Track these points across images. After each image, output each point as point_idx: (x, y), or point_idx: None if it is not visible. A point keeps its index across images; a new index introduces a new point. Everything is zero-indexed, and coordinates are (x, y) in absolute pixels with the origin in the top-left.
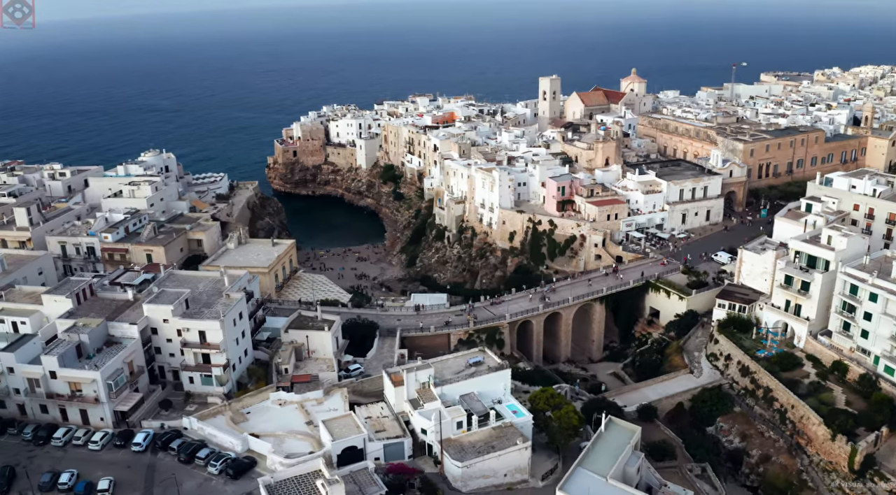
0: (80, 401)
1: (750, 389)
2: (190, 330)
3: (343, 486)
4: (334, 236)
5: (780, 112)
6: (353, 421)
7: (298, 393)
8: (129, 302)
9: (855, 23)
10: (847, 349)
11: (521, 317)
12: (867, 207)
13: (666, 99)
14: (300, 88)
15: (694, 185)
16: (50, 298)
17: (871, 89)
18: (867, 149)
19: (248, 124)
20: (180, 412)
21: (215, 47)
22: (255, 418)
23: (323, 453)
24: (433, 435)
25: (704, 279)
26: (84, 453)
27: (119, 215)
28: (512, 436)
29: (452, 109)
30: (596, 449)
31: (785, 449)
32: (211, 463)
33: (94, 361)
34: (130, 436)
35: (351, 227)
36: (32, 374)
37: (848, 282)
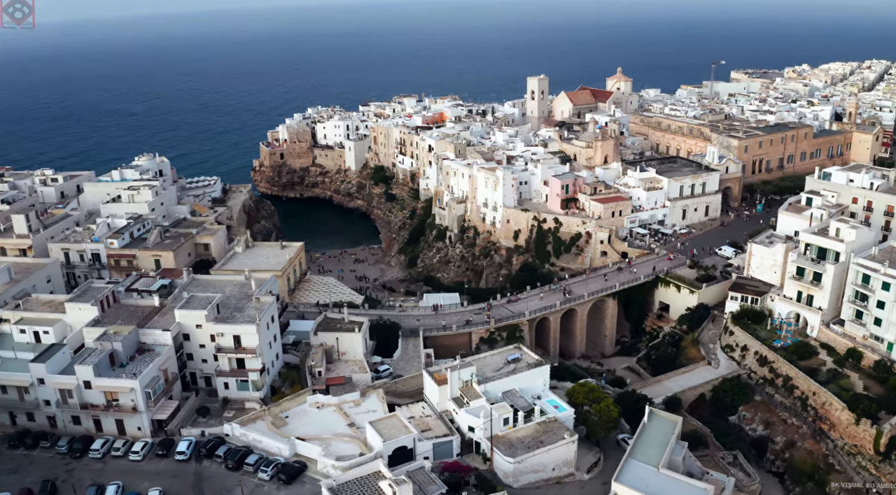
0: (117, 411)
1: (769, 378)
2: (224, 334)
3: (411, 486)
4: (327, 238)
5: (765, 109)
6: (400, 421)
7: (334, 395)
8: (155, 308)
9: (821, 21)
10: (860, 336)
11: (539, 315)
12: (865, 200)
13: (648, 97)
14: (274, 91)
15: (693, 182)
16: (74, 306)
17: (843, 85)
18: (852, 144)
19: (226, 128)
20: (218, 419)
21: (186, 51)
22: (295, 422)
23: (375, 454)
24: (481, 432)
25: (712, 273)
26: (125, 464)
27: (122, 220)
28: (557, 431)
29: (441, 110)
30: (642, 441)
31: (809, 434)
32: (261, 469)
33: (128, 370)
34: (171, 445)
35: (343, 229)
36: (65, 385)
37: (860, 272)
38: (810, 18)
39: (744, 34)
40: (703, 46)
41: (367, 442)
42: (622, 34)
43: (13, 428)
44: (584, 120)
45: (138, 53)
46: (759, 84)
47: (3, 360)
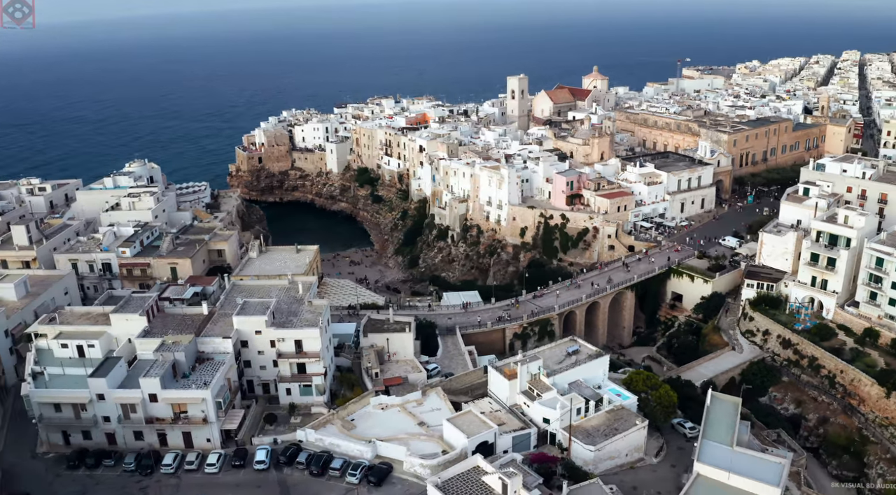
0: (186, 423)
1: (793, 360)
2: (285, 340)
3: (521, 478)
4: (314, 242)
5: (739, 104)
6: (476, 417)
7: (394, 396)
8: (204, 316)
9: (766, 19)
10: (875, 317)
11: (567, 308)
12: (860, 189)
13: (622, 95)
14: (237, 95)
15: (690, 175)
16: (120, 317)
17: (800, 80)
18: (826, 137)
19: (191, 133)
20: (286, 425)
21: (138, 57)
22: (362, 424)
23: (461, 450)
24: (557, 423)
25: (722, 262)
26: (201, 478)
27: (128, 229)
28: (627, 418)
29: (424, 111)
30: (710, 422)
31: (840, 410)
32: (349, 473)
33: (193, 380)
34: (245, 455)
35: (329, 232)
36: (128, 399)
37: (874, 256)
38: (754, 16)
39: (694, 32)
40: (655, 46)
41: (443, 440)
42: (572, 34)
43: (67, 447)
44: (566, 118)
45: (104, 57)
46: (721, 80)
47: (52, 377)
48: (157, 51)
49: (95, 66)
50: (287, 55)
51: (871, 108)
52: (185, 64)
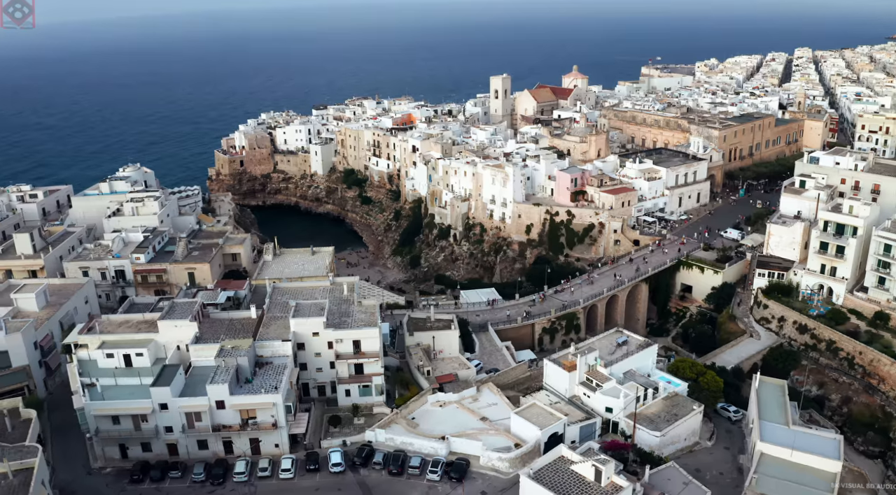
0: (255, 429)
1: (811, 344)
2: (343, 341)
3: (613, 464)
4: (303, 244)
5: (717, 101)
6: (542, 409)
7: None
8: (252, 320)
9: (719, 18)
10: (884, 301)
11: (591, 302)
12: (853, 180)
13: (602, 94)
14: (204, 99)
15: (686, 171)
16: (169, 324)
17: (763, 77)
18: (804, 131)
19: (158, 137)
20: (349, 427)
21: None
22: (425, 422)
23: (536, 441)
24: (620, 411)
25: (729, 253)
26: (277, 484)
27: (136, 235)
28: (683, 404)
29: (408, 111)
30: (763, 404)
31: (861, 390)
32: (430, 470)
33: (256, 385)
34: (317, 458)
35: (317, 235)
36: (194, 408)
37: (882, 243)
38: (706, 16)
39: (650, 31)
40: (614, 45)
41: (511, 433)
42: (526, 34)
43: (124, 461)
44: (551, 116)
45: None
46: (690, 79)
47: (104, 389)
48: (112, 55)
49: (48, 71)
50: (244, 57)
51: (837, 103)
52: (138, 66)
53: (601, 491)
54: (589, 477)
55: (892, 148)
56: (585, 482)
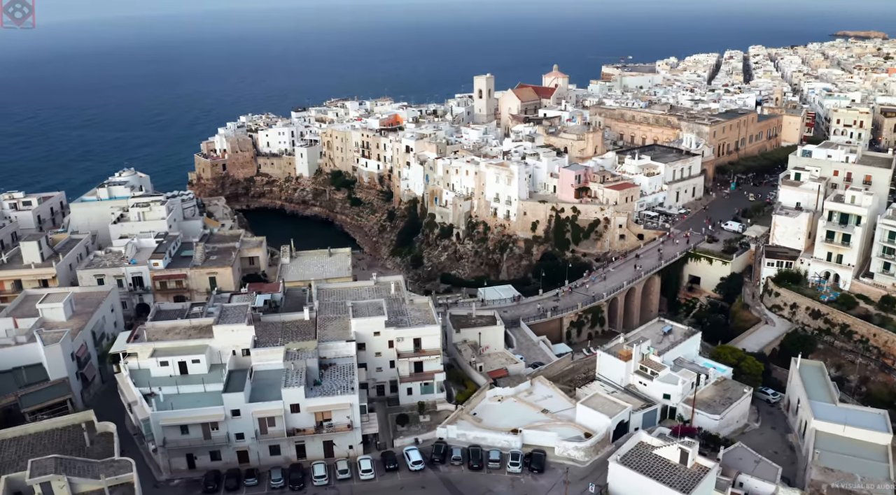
0: (331, 431)
1: (825, 329)
2: (403, 339)
3: (697, 446)
4: (297, 247)
5: (696, 98)
6: (606, 398)
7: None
8: (305, 321)
9: (664, 18)
10: (890, 285)
11: (613, 295)
12: (845, 172)
13: (581, 93)
14: (171, 103)
15: (682, 166)
16: (225, 329)
17: (728, 75)
18: (783, 126)
19: (126, 143)
20: (416, 425)
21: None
22: (487, 416)
23: (606, 431)
24: (678, 397)
25: (734, 245)
26: (360, 486)
27: (150, 240)
28: (733, 388)
29: (393, 112)
30: (807, 385)
31: (878, 370)
32: (511, 463)
33: (327, 387)
34: (393, 458)
35: (307, 237)
36: (269, 412)
37: (887, 230)
38: (658, 15)
39: (608, 30)
40: (572, 45)
41: (576, 423)
42: (481, 35)
43: (191, 472)
44: (536, 115)
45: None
46: (660, 77)
47: (167, 398)
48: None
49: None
50: (203, 60)
51: (805, 98)
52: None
53: (687, 472)
54: (674, 460)
55: (865, 141)
56: (671, 464)
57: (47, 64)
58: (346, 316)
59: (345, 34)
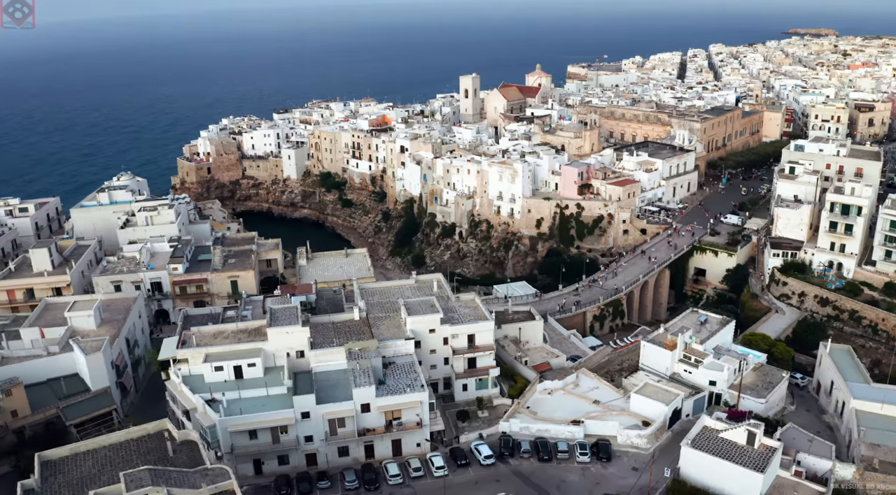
0: (400, 430)
1: (833, 315)
2: (458, 336)
3: (763, 427)
4: (287, 250)
5: (678, 96)
6: (656, 387)
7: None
8: (355, 321)
9: (619, 19)
10: (892, 272)
11: (630, 288)
12: (837, 165)
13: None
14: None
15: (678, 162)
16: (279, 331)
17: (697, 72)
18: (764, 122)
19: (93, 148)
20: (477, 420)
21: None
22: (541, 409)
23: (664, 418)
24: (723, 383)
25: (737, 237)
26: (433, 482)
27: (163, 244)
28: (770, 372)
29: (380, 112)
30: (840, 367)
31: (888, 352)
32: (580, 453)
33: (391, 385)
34: (461, 453)
35: (300, 239)
36: (339, 413)
37: (888, 219)
38: (611, 16)
39: (569, 31)
40: (533, 45)
41: (630, 412)
42: (448, 35)
43: (259, 478)
44: (524, 114)
45: None
46: (634, 75)
47: (231, 403)
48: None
49: None
50: (176, 62)
51: (778, 95)
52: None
53: (755, 452)
54: (741, 441)
55: (842, 134)
56: (738, 446)
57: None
58: (396, 314)
59: (326, 34)
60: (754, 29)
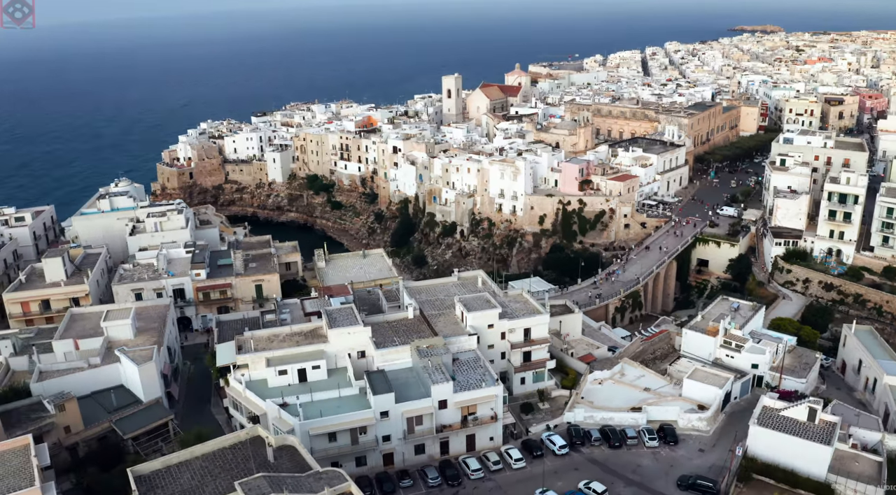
0: (475, 425)
1: (838, 299)
2: (515, 330)
3: (822, 403)
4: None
5: (657, 93)
6: (705, 372)
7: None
8: (409, 319)
9: (566, 19)
10: (889, 257)
11: (646, 279)
12: (825, 157)
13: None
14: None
15: (670, 157)
16: (341, 332)
17: (663, 69)
18: (741, 117)
19: (57, 156)
20: (539, 412)
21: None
22: (596, 398)
23: (718, 401)
24: (764, 366)
25: (736, 228)
26: (513, 475)
27: (179, 250)
28: (803, 354)
29: (366, 114)
30: (868, 347)
31: (892, 332)
32: (649, 439)
33: (462, 381)
34: (534, 445)
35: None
36: (418, 411)
37: (885, 207)
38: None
39: (526, 32)
40: (490, 45)
41: (684, 397)
42: (401, 36)
43: None
44: (508, 112)
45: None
46: (604, 74)
47: (306, 406)
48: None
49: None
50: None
51: (746, 90)
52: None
53: (816, 427)
54: (802, 418)
55: (815, 127)
56: (800, 423)
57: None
58: (449, 311)
59: (288, 37)
60: (702, 27)
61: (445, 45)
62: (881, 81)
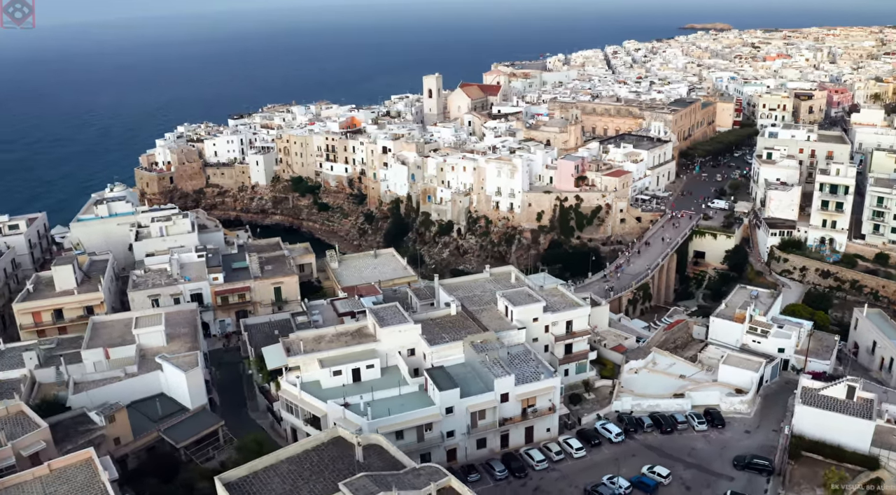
0: (535, 417)
1: (835, 286)
2: (558, 323)
3: (861, 383)
4: None
5: (634, 90)
6: (738, 358)
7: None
8: (452, 316)
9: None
10: (880, 244)
11: (653, 272)
12: (809, 150)
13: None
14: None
15: (659, 152)
16: (392, 330)
17: (630, 68)
18: (717, 112)
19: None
20: (587, 402)
21: None
22: (636, 387)
23: (755, 385)
24: (790, 350)
25: (730, 220)
26: (575, 464)
27: (191, 255)
28: (823, 337)
29: (352, 115)
30: (884, 330)
31: (889, 315)
32: (699, 423)
33: (518, 375)
34: (591, 434)
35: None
36: (481, 406)
37: (875, 196)
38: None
39: (480, 32)
40: (457, 46)
41: (719, 382)
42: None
43: None
44: (490, 111)
45: None
46: (575, 72)
47: (368, 406)
48: None
49: None
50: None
51: (715, 87)
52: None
53: (855, 404)
54: (841, 396)
55: (789, 121)
56: (840, 401)
57: None
58: (491, 306)
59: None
60: (654, 26)
61: (403, 46)
62: (843, 76)
